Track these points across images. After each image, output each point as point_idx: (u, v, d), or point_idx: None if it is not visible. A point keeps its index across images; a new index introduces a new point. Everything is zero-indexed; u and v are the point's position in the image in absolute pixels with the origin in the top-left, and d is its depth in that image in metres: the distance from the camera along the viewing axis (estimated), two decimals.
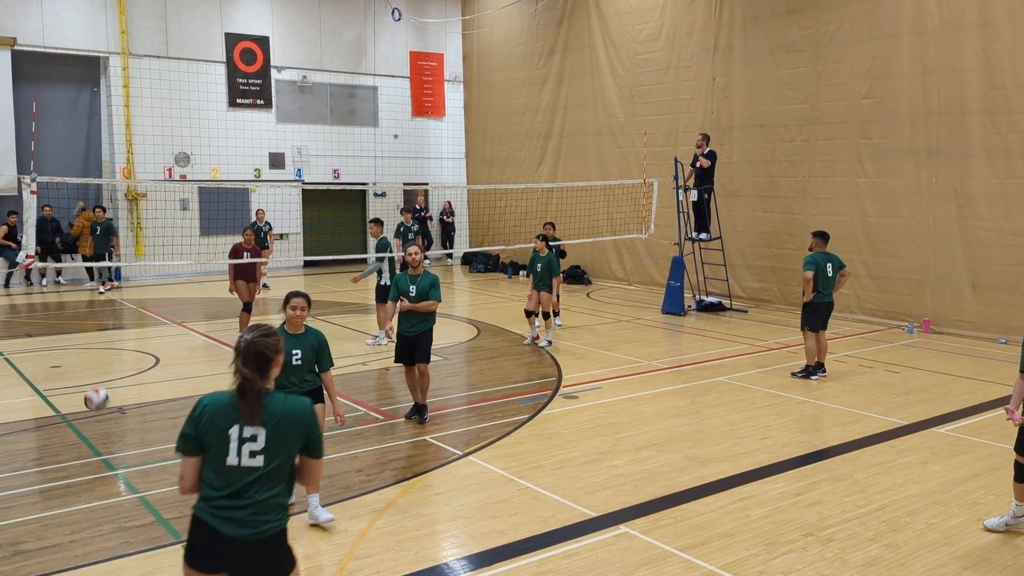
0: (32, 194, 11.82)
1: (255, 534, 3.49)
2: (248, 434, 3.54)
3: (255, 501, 3.52)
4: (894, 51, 14.35)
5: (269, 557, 3.55)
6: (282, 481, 3.62)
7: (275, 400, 3.63)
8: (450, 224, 26.09)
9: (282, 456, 3.59)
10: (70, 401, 9.60)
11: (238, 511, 3.50)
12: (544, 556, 5.64)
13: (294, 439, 3.61)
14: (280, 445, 3.57)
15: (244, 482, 3.53)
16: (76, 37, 20.51)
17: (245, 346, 3.66)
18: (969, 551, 5.73)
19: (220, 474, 3.55)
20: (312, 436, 3.67)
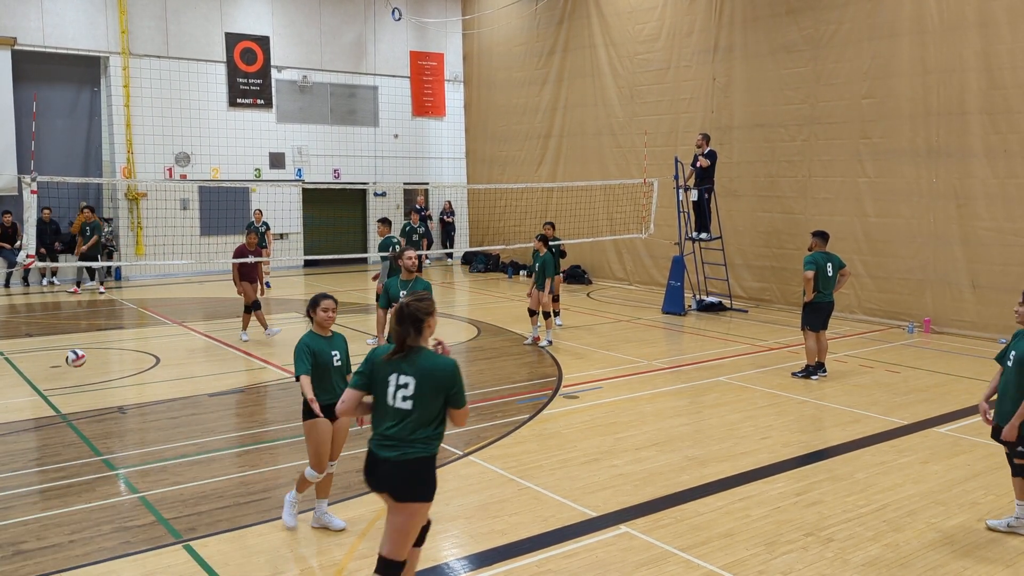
0: (32, 194, 11.82)
1: (400, 455, 4.33)
2: (402, 382, 4.37)
3: (405, 436, 4.35)
4: (894, 51, 14.35)
5: (410, 474, 4.34)
6: (430, 424, 4.37)
7: (425, 356, 4.41)
8: (450, 224, 26.09)
9: (427, 403, 4.35)
10: (70, 401, 9.61)
11: (392, 440, 4.37)
12: (544, 556, 5.64)
13: (437, 390, 4.36)
14: (425, 393, 4.34)
15: (398, 420, 4.36)
16: (76, 37, 20.51)
17: (401, 309, 4.45)
18: (969, 551, 5.73)
19: (381, 412, 4.44)
20: (453, 390, 4.39)
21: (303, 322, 15.33)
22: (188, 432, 8.46)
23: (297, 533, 6.02)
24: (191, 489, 6.85)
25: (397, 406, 4.38)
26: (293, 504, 6.11)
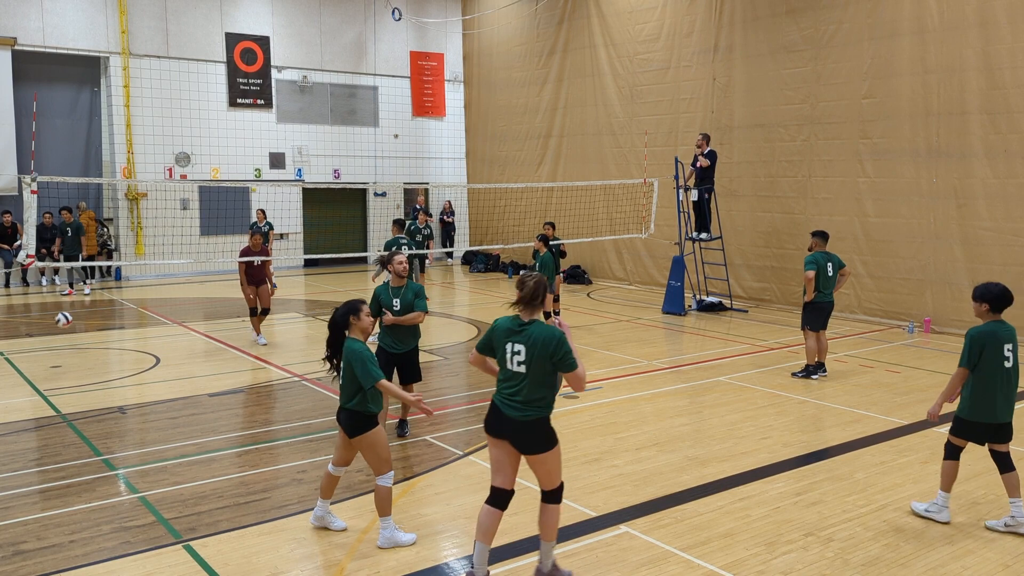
0: (32, 194, 11.82)
1: (522, 416, 5.01)
2: (516, 349, 5.03)
3: (524, 398, 5.02)
4: (894, 51, 14.35)
5: (532, 433, 5.06)
6: (543, 386, 5.02)
7: (536, 326, 5.04)
8: (450, 224, 26.10)
9: (537, 367, 4.99)
10: (70, 401, 9.61)
11: (512, 400, 5.06)
12: None
13: (545, 356, 4.97)
14: (535, 359, 4.98)
15: (517, 382, 5.05)
16: (76, 37, 20.52)
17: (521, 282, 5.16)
18: (969, 551, 5.73)
19: (504, 374, 5.12)
20: (557, 356, 4.97)
21: (304, 322, 15.41)
22: (188, 432, 8.46)
23: (297, 533, 6.02)
24: (191, 489, 6.85)
25: (514, 370, 5.07)
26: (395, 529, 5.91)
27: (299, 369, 11.28)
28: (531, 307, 5.12)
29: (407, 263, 7.97)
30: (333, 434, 8.30)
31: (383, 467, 5.80)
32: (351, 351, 5.73)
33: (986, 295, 6.07)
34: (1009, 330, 6.08)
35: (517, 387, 5.05)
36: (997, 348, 5.96)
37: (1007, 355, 5.99)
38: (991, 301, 6.05)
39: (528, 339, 5.01)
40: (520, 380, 5.05)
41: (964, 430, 6.16)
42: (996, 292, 6.05)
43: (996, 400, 6.00)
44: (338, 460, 6.03)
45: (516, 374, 5.07)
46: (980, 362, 5.98)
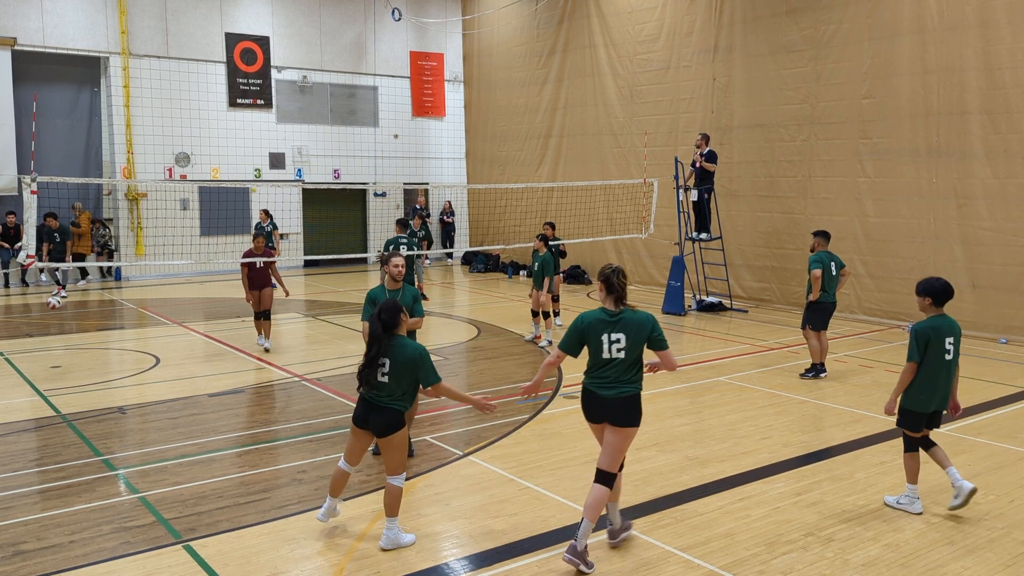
0: (32, 194, 11.82)
1: (619, 394, 5.48)
2: (616, 338, 5.46)
3: (618, 378, 5.49)
4: (894, 51, 14.36)
5: (628, 408, 5.52)
6: (634, 366, 5.52)
7: (627, 313, 5.51)
8: (450, 224, 26.10)
9: (635, 351, 5.50)
10: (70, 401, 9.61)
11: (608, 382, 5.50)
12: (544, 556, 5.64)
13: (641, 339, 5.47)
14: (634, 343, 5.47)
15: (612, 367, 5.50)
16: (76, 37, 20.52)
17: (609, 279, 5.55)
18: (969, 551, 5.73)
19: (598, 362, 5.53)
20: (652, 336, 5.50)
21: (304, 322, 15.41)
22: (188, 432, 8.46)
23: (297, 533, 6.02)
24: (191, 489, 6.85)
25: (612, 357, 5.49)
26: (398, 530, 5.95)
27: (299, 369, 11.28)
28: (620, 298, 5.56)
29: (403, 266, 7.59)
30: (333, 434, 8.30)
31: (401, 467, 5.83)
32: (414, 350, 5.76)
33: (929, 290, 6.40)
34: (951, 324, 6.42)
35: (614, 371, 5.51)
36: (940, 341, 6.30)
37: (948, 348, 6.32)
38: (934, 295, 6.40)
39: (626, 326, 5.48)
40: (617, 365, 5.51)
41: (907, 420, 6.40)
42: (939, 287, 6.40)
43: (936, 391, 6.28)
44: (354, 459, 6.00)
45: (614, 360, 5.51)
46: (925, 355, 6.28)
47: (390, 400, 5.75)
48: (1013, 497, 6.69)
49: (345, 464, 6.02)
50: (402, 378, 5.72)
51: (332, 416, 9.00)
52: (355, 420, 5.91)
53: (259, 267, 12.32)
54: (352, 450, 5.99)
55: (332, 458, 7.59)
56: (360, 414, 5.85)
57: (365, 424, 5.83)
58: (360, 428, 5.87)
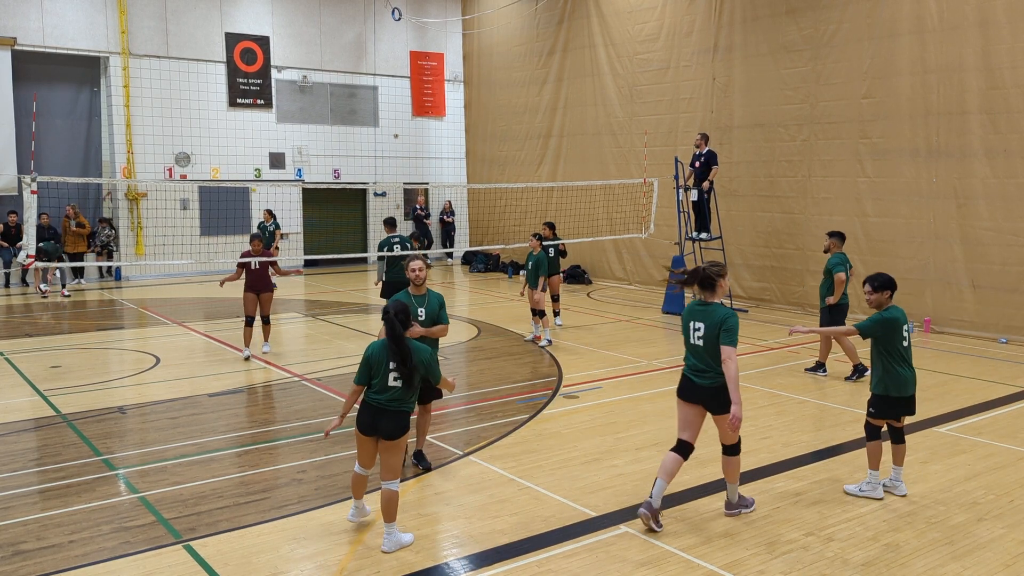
0: (32, 194, 11.82)
1: (711, 383, 6.05)
2: (697, 326, 6.11)
3: (705, 366, 6.07)
4: (894, 51, 14.35)
5: (720, 397, 6.04)
6: (717, 357, 6.00)
7: (715, 307, 6.11)
8: (450, 224, 26.10)
9: (711, 339, 6.02)
10: (70, 401, 9.61)
11: (699, 372, 6.10)
12: (544, 556, 5.64)
13: (715, 329, 6.00)
14: (710, 333, 6.02)
15: (696, 354, 6.12)
16: (76, 37, 20.52)
17: (697, 272, 6.19)
18: (969, 551, 5.73)
19: (687, 348, 6.22)
20: (723, 327, 5.97)
21: (304, 322, 15.41)
22: (188, 432, 8.46)
23: (297, 533, 6.02)
24: (191, 489, 6.85)
25: (693, 343, 6.12)
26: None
27: (299, 369, 11.28)
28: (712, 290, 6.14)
29: (422, 270, 7.12)
30: (333, 433, 8.28)
31: (398, 471, 5.85)
32: (427, 351, 5.87)
33: (890, 284, 6.70)
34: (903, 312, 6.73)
35: (698, 358, 6.11)
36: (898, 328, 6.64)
37: (905, 334, 6.65)
38: (894, 288, 6.76)
39: (707, 316, 6.06)
40: (698, 352, 6.10)
41: (882, 408, 6.68)
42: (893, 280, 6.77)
43: (905, 374, 6.60)
44: (370, 463, 5.97)
45: (695, 347, 6.13)
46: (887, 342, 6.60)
47: (400, 404, 5.76)
48: (1013, 497, 6.69)
49: (361, 468, 6.00)
50: (407, 381, 5.75)
51: (332, 416, 8.99)
52: (363, 429, 5.82)
53: (255, 268, 11.85)
54: (365, 457, 5.95)
55: (332, 458, 7.59)
56: (368, 422, 5.79)
57: (374, 431, 5.78)
58: (368, 435, 5.82)
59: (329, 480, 7.06)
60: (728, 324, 5.96)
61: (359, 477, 6.03)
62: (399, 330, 5.72)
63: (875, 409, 6.69)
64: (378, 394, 5.76)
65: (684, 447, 6.23)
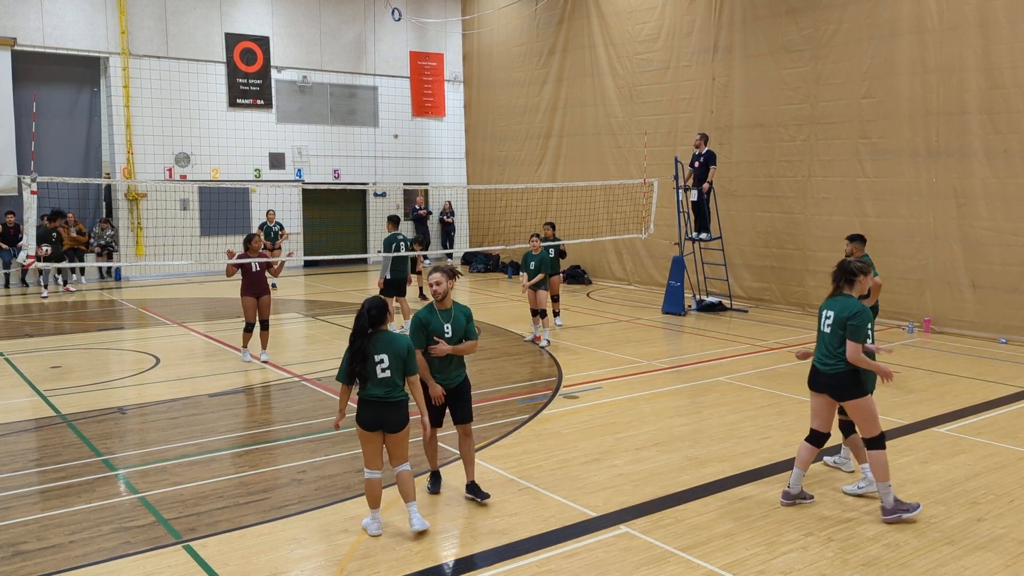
0: (32, 194, 11.81)
1: (831, 370, 6.28)
2: (827, 314, 6.34)
3: (829, 353, 6.31)
4: (894, 51, 14.35)
5: (840, 384, 6.26)
6: (840, 346, 6.21)
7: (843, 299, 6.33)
8: (450, 224, 26.10)
9: (837, 328, 6.25)
10: (70, 401, 9.61)
11: (824, 359, 6.34)
12: (544, 556, 5.64)
13: (843, 321, 6.21)
14: (838, 322, 6.24)
15: (823, 342, 6.35)
16: (76, 37, 20.52)
17: (843, 264, 6.42)
18: (969, 551, 5.73)
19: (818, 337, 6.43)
20: (851, 321, 6.15)
21: (304, 322, 15.41)
22: (188, 432, 8.46)
23: (297, 533, 6.02)
24: (191, 489, 6.85)
25: (823, 331, 6.36)
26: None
27: (299, 369, 11.28)
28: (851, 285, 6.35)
29: (439, 284, 6.47)
30: (333, 434, 8.29)
31: (407, 454, 5.98)
32: (405, 340, 5.91)
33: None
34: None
35: (824, 346, 6.33)
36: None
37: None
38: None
39: (839, 307, 6.28)
40: (825, 340, 6.31)
41: None
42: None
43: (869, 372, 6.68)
44: (379, 463, 5.95)
45: (823, 334, 6.35)
46: None
47: (398, 394, 5.83)
48: (1013, 497, 6.69)
49: (374, 472, 5.94)
50: (397, 370, 5.81)
51: (332, 416, 9.00)
52: (367, 426, 5.83)
53: (255, 271, 11.50)
54: (373, 455, 5.92)
55: (332, 458, 7.59)
56: (372, 418, 5.81)
57: (380, 426, 5.82)
58: (373, 432, 5.84)
59: (329, 480, 7.06)
60: (857, 320, 6.13)
61: (374, 483, 5.94)
62: (363, 324, 5.78)
63: None
64: (375, 388, 5.78)
65: (815, 436, 6.43)
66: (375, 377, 5.78)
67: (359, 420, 5.88)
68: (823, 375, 6.32)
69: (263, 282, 11.64)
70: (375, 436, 5.88)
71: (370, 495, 5.97)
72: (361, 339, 5.79)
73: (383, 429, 5.84)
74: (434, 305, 6.54)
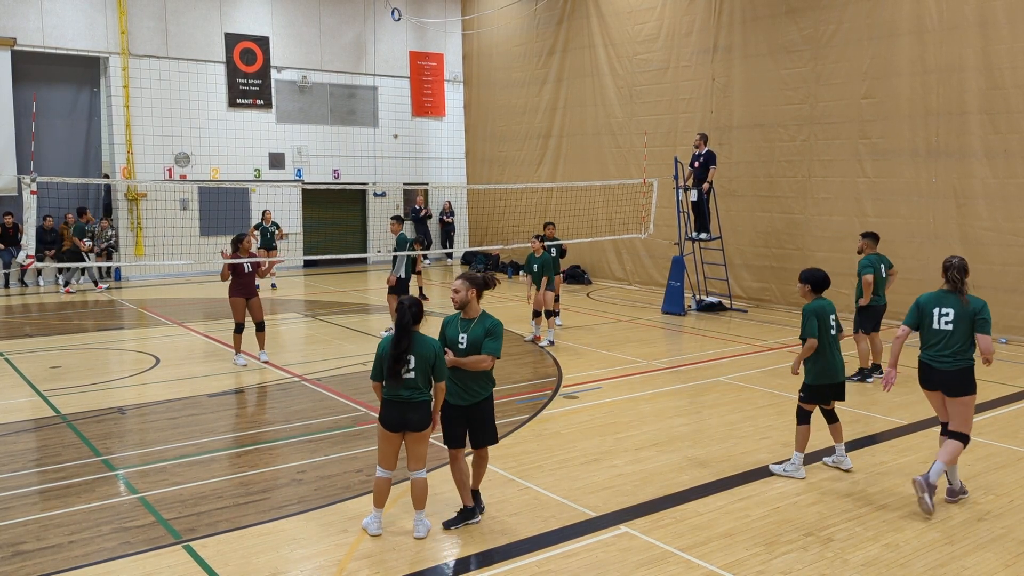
0: (32, 194, 11.81)
1: (951, 367, 6.39)
2: (945, 311, 6.47)
3: (950, 351, 6.41)
4: (893, 51, 14.36)
5: (960, 380, 6.41)
6: (964, 343, 6.38)
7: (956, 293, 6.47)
8: (450, 224, 26.10)
9: (961, 325, 6.39)
10: (70, 401, 9.61)
11: (941, 356, 6.45)
12: (544, 556, 5.64)
13: (969, 316, 6.38)
14: (960, 318, 6.40)
15: (941, 340, 6.46)
16: (76, 37, 20.51)
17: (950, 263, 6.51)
18: (969, 551, 5.73)
19: (929, 337, 6.54)
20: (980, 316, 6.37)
21: (304, 322, 15.40)
22: (188, 432, 8.46)
23: (297, 533, 6.02)
24: (191, 489, 6.85)
25: (941, 328, 6.45)
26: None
27: (299, 369, 11.28)
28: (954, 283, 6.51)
29: (457, 292, 6.14)
30: (332, 434, 8.30)
31: (425, 459, 5.96)
32: (434, 344, 5.86)
33: (811, 278, 7.25)
34: (830, 304, 7.26)
35: (943, 342, 6.44)
36: (825, 319, 7.13)
37: (832, 324, 7.18)
38: (814, 283, 7.24)
39: (957, 303, 6.41)
40: (946, 337, 6.44)
41: (813, 395, 7.19)
42: (820, 277, 7.26)
43: (835, 363, 7.18)
44: (392, 463, 5.94)
45: (942, 331, 6.46)
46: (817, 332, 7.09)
47: (421, 394, 5.82)
48: (1013, 497, 6.69)
49: (385, 472, 5.92)
50: (422, 372, 5.79)
51: (332, 416, 9.01)
52: (390, 426, 5.81)
53: (247, 272, 11.47)
54: (389, 455, 5.90)
55: (332, 458, 7.59)
56: (396, 418, 5.79)
57: (404, 426, 5.80)
58: (396, 432, 5.82)
59: (329, 480, 7.06)
60: (986, 312, 6.37)
61: (384, 482, 5.93)
62: (406, 319, 5.74)
63: (805, 395, 7.23)
64: (401, 389, 5.76)
65: (956, 434, 6.45)
66: (403, 378, 5.75)
67: (382, 421, 5.86)
68: (939, 372, 6.44)
69: (252, 283, 11.63)
70: (395, 438, 5.87)
71: (378, 494, 5.96)
72: (407, 337, 5.72)
73: (407, 429, 5.81)
74: (461, 314, 6.18)
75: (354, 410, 9.25)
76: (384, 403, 5.86)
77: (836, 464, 7.36)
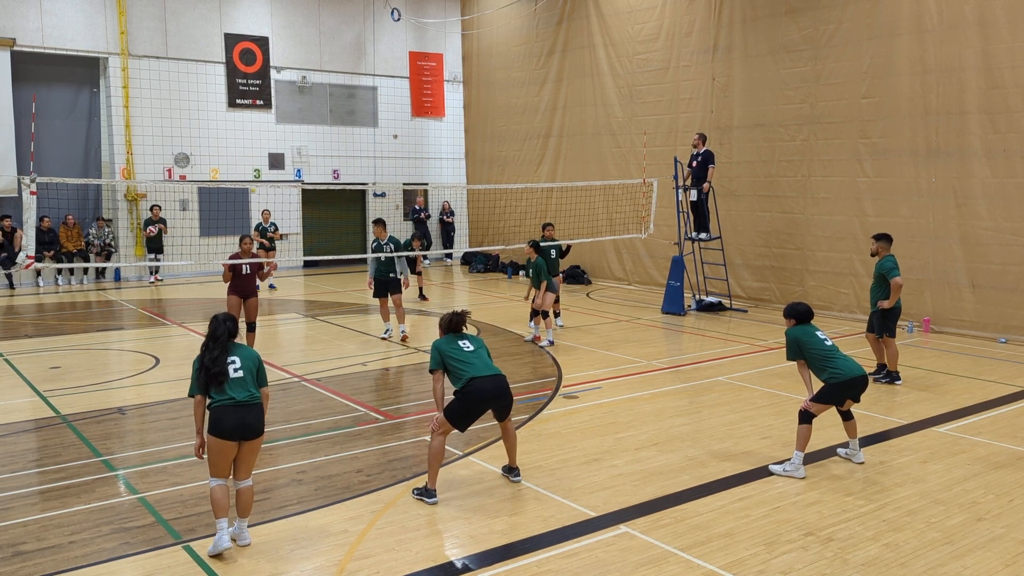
0: (32, 195, 11.80)
1: None
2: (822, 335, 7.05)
3: None
4: (893, 51, 14.36)
5: None
6: None
7: None
8: (450, 224, 26.10)
9: None
10: (70, 402, 9.61)
11: None
12: (544, 556, 5.64)
13: None
14: None
15: None
16: (76, 37, 20.51)
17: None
18: (969, 551, 5.73)
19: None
20: None
21: (303, 322, 15.41)
22: (188, 432, 8.45)
23: (297, 533, 6.02)
24: (191, 490, 6.84)
25: None
26: None
27: (298, 369, 11.28)
28: None
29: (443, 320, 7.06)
30: (332, 434, 8.30)
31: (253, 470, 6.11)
32: (253, 351, 6.24)
33: (794, 313, 7.49)
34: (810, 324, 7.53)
35: None
36: (810, 336, 7.36)
37: (821, 336, 7.41)
38: (798, 317, 7.47)
39: None
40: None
41: (830, 395, 7.25)
42: (802, 310, 7.49)
43: (842, 361, 7.28)
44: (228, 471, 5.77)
45: None
46: (805, 351, 7.33)
47: (255, 398, 5.85)
48: (1013, 497, 6.69)
49: (223, 481, 5.69)
50: (249, 372, 5.88)
51: (332, 416, 9.01)
52: (229, 435, 5.59)
53: (245, 273, 11.51)
54: (222, 466, 5.68)
55: (332, 458, 7.59)
56: (235, 424, 5.60)
57: (243, 432, 5.64)
58: (233, 440, 5.62)
59: (328, 480, 7.06)
60: None
61: (223, 491, 5.66)
62: (220, 331, 5.93)
63: (821, 396, 7.27)
64: (233, 392, 5.70)
65: None
66: (229, 377, 5.82)
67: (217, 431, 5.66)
68: None
69: (251, 284, 11.68)
70: (231, 447, 5.68)
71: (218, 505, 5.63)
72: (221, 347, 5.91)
73: (244, 435, 5.70)
74: None
75: (354, 410, 9.25)
76: (216, 411, 5.62)
77: (849, 456, 7.54)
